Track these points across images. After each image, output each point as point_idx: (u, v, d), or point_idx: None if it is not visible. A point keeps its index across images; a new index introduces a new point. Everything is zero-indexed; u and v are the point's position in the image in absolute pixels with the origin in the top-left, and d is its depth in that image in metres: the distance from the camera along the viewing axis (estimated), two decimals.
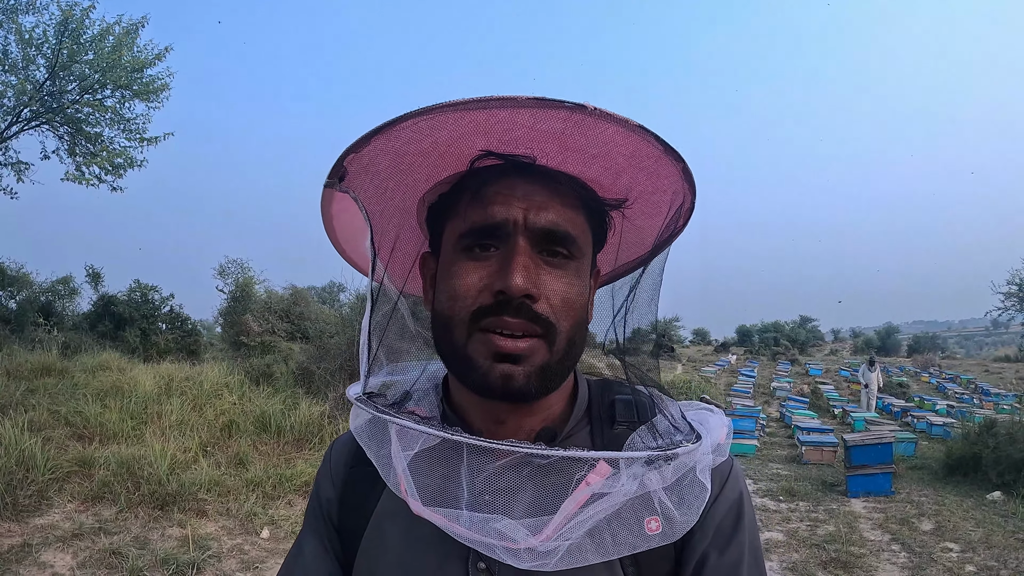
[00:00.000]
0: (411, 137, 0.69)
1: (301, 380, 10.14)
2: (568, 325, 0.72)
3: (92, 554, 5.06)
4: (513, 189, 0.72)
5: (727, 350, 38.19)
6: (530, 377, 0.70)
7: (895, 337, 46.34)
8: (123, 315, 15.40)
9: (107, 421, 7.69)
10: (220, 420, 8.27)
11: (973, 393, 21.92)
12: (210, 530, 5.73)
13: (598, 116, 0.64)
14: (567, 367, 0.74)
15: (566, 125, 0.66)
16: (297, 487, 6.60)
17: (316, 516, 0.87)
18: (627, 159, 0.71)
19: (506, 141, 0.70)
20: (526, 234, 0.70)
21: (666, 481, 0.68)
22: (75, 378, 9.67)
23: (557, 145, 0.70)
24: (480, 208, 0.72)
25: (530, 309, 0.69)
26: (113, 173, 11.14)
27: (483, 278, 0.71)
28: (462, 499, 0.67)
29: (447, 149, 0.72)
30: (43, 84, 10.58)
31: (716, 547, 0.75)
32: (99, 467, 6.38)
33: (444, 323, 0.73)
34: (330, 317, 11.95)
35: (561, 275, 0.72)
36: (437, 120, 0.66)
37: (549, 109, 0.64)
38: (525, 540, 0.65)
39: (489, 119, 0.66)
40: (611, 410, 0.81)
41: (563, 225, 0.72)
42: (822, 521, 7.03)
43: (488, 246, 0.72)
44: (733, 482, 0.78)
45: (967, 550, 6.04)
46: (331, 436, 8.14)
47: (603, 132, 0.67)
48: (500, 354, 0.69)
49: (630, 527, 0.68)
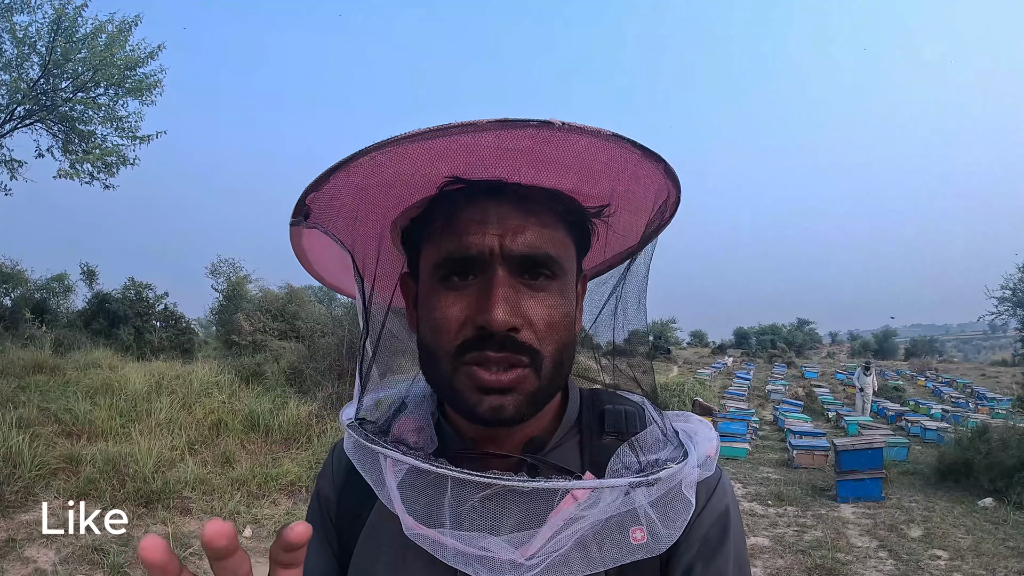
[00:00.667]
0: (371, 171, 0.67)
1: (292, 380, 10.13)
2: (553, 349, 0.70)
3: (75, 550, 5.10)
4: (486, 214, 0.69)
5: (724, 352, 38.21)
6: (520, 406, 0.69)
7: (892, 340, 46.38)
8: (117, 313, 15.37)
9: (96, 419, 7.71)
10: (209, 419, 8.27)
11: (969, 397, 21.91)
12: (193, 528, 5.76)
13: (567, 131, 0.61)
14: (556, 387, 0.73)
15: (534, 142, 0.64)
16: (282, 486, 6.62)
17: (316, 513, 0.88)
18: (604, 165, 0.69)
19: (472, 164, 0.67)
20: (504, 263, 0.68)
21: (652, 496, 0.68)
22: (67, 375, 9.68)
23: (528, 161, 0.67)
24: (453, 237, 0.69)
25: (514, 341, 0.67)
26: (106, 171, 11.15)
27: (463, 310, 0.69)
28: (446, 525, 0.67)
29: (411, 179, 0.70)
30: (37, 82, 10.59)
31: (702, 558, 0.74)
32: (86, 464, 6.41)
33: (429, 354, 0.72)
34: (323, 316, 11.93)
35: (544, 298, 0.70)
36: (396, 152, 0.64)
37: (513, 129, 0.61)
38: (510, 555, 0.64)
39: (451, 145, 0.64)
40: (601, 420, 0.80)
41: (542, 247, 0.69)
42: (810, 527, 7.00)
43: (466, 274, 0.70)
44: (720, 495, 0.77)
45: (956, 558, 6.00)
46: (319, 436, 8.17)
47: (575, 145, 0.65)
48: (487, 388, 0.68)
49: (615, 539, 0.67)
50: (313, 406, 8.74)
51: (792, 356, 36.72)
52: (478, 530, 0.66)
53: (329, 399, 8.90)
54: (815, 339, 48.17)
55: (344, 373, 9.44)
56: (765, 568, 5.73)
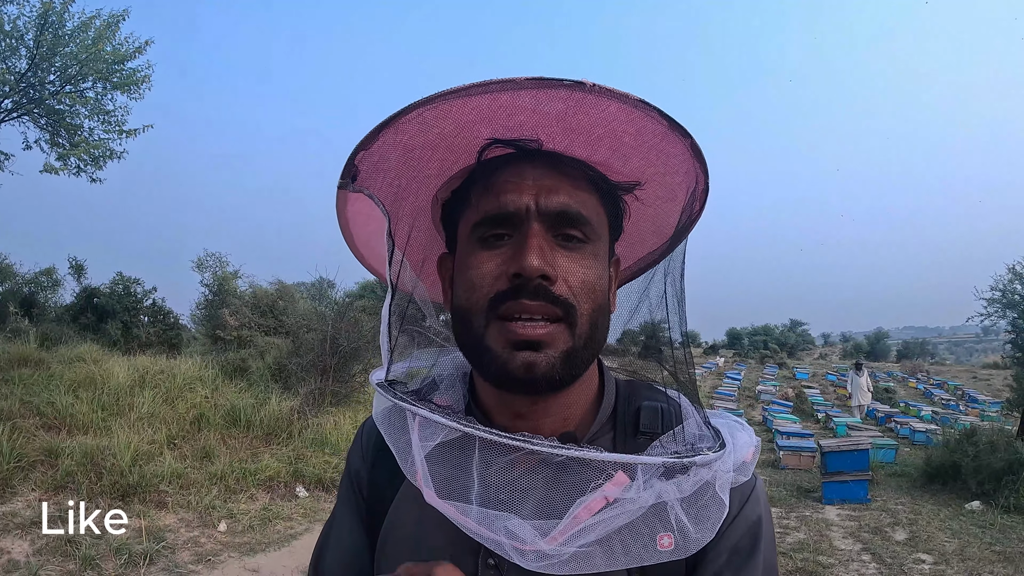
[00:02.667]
0: (417, 129, 0.70)
1: (277, 375, 10.07)
2: (589, 308, 0.70)
3: (48, 542, 5.15)
4: (523, 175, 0.71)
5: (716, 353, 38.19)
6: (554, 364, 0.68)
7: (885, 342, 46.49)
8: (106, 307, 15.28)
9: (77, 412, 7.71)
10: (190, 413, 8.26)
11: (960, 400, 21.97)
12: (168, 522, 5.77)
13: (598, 93, 0.64)
14: (591, 353, 0.73)
15: (567, 105, 0.66)
16: (260, 481, 6.59)
17: (349, 489, 0.88)
18: (633, 138, 0.71)
19: (510, 127, 0.70)
20: (539, 218, 0.70)
21: (683, 494, 0.67)
22: (51, 369, 9.65)
23: (561, 128, 0.70)
24: (491, 197, 0.72)
25: (548, 291, 0.68)
26: (92, 164, 11.10)
27: (499, 265, 0.70)
28: (474, 493, 0.66)
29: (454, 140, 0.72)
30: (24, 74, 10.54)
31: (731, 568, 0.72)
32: (64, 457, 6.42)
33: (463, 315, 0.72)
34: (310, 313, 11.86)
35: (578, 257, 0.71)
36: (441, 109, 0.67)
37: (548, 89, 0.64)
38: (533, 542, 0.64)
39: (492, 104, 0.67)
40: (636, 417, 0.79)
41: (575, 206, 0.71)
42: (793, 528, 6.96)
43: (502, 235, 0.71)
44: (754, 503, 0.75)
45: (940, 562, 5.97)
46: (300, 431, 8.16)
47: (605, 110, 0.67)
48: (520, 342, 0.68)
49: (642, 539, 0.66)
50: (295, 402, 8.70)
51: (784, 357, 36.75)
52: (504, 508, 0.66)
53: (311, 395, 8.85)
54: (808, 340, 48.31)
55: (327, 369, 9.39)
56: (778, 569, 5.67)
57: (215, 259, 15.19)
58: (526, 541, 0.64)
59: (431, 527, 0.75)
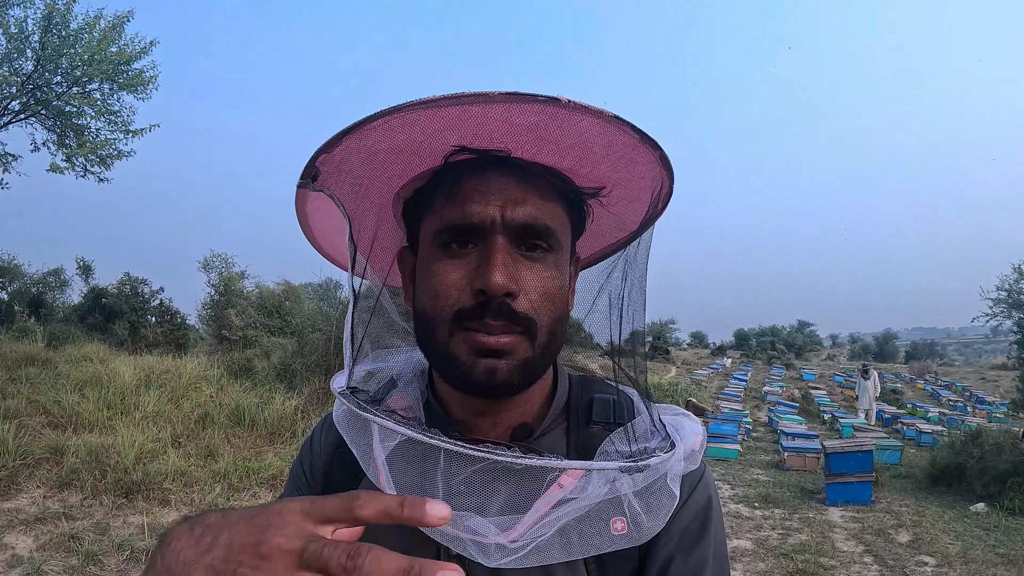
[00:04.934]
0: (382, 136, 0.70)
1: (282, 375, 10.13)
2: (549, 319, 0.72)
3: (52, 538, 5.20)
4: (488, 184, 0.71)
5: (723, 353, 38.11)
6: (513, 371, 0.70)
7: (893, 344, 46.31)
8: (113, 308, 15.41)
9: (83, 410, 7.80)
10: (195, 412, 8.32)
11: (967, 401, 21.86)
12: (171, 519, 5.80)
13: (572, 109, 0.64)
14: (548, 360, 0.74)
15: (540, 118, 0.66)
16: (263, 480, 6.64)
17: (297, 484, 0.88)
18: (603, 149, 0.71)
19: (479, 135, 0.70)
20: (504, 231, 0.70)
21: (637, 486, 0.69)
22: (58, 368, 9.75)
23: (531, 137, 0.70)
24: (456, 206, 0.71)
25: (510, 309, 0.69)
26: (100, 164, 11.19)
27: (463, 276, 0.70)
28: (437, 495, 0.67)
29: (420, 146, 0.72)
30: (30, 76, 10.62)
31: (681, 550, 0.75)
32: (69, 455, 6.48)
33: (425, 322, 0.73)
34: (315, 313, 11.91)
35: (541, 269, 0.72)
36: (409, 118, 0.67)
37: (522, 103, 0.64)
38: (495, 537, 0.65)
39: (462, 115, 0.66)
40: (589, 409, 0.81)
41: (541, 219, 0.71)
42: (795, 530, 6.93)
43: (466, 242, 0.71)
44: (703, 489, 0.78)
45: (943, 564, 5.92)
46: (303, 431, 8.19)
47: (578, 124, 0.67)
48: (483, 350, 0.69)
49: (597, 528, 0.68)
50: (299, 401, 8.75)
51: (791, 358, 36.65)
52: (466, 509, 0.67)
53: (315, 394, 8.90)
54: (815, 341, 48.17)
55: (331, 369, 9.43)
56: (745, 571, 5.66)
57: (221, 260, 15.29)
58: (487, 537, 0.65)
59: (392, 527, 0.75)
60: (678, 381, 19.66)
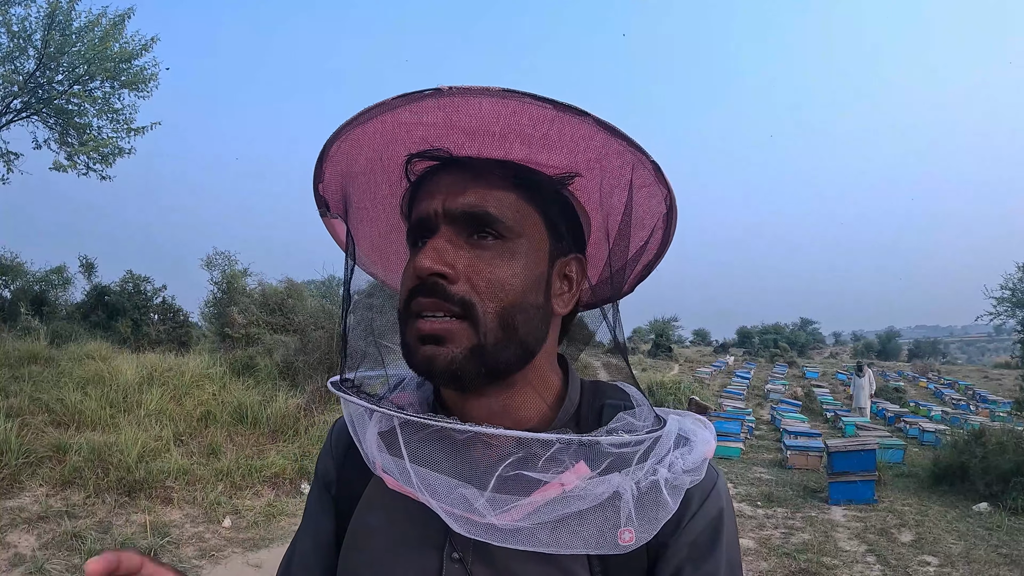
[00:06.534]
0: (344, 158, 0.77)
1: (284, 373, 10.13)
2: (496, 306, 0.70)
3: (55, 536, 5.22)
4: (439, 184, 0.74)
5: (726, 351, 38.09)
6: (454, 359, 0.69)
7: (896, 342, 46.24)
8: (116, 305, 15.44)
9: (86, 409, 7.77)
10: (198, 410, 8.32)
11: (970, 400, 21.82)
12: (173, 517, 5.83)
13: (456, 94, 0.65)
14: (510, 352, 0.72)
15: (446, 112, 0.68)
16: (266, 478, 6.64)
17: (319, 487, 0.91)
18: (531, 127, 0.69)
19: (416, 142, 0.74)
20: (445, 220, 0.72)
21: (640, 491, 0.69)
22: (61, 367, 9.74)
23: (457, 133, 0.71)
24: (414, 208, 0.76)
25: (444, 289, 0.69)
26: (102, 162, 11.21)
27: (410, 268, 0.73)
28: (406, 460, 0.70)
29: (382, 164, 0.78)
30: (32, 74, 10.64)
31: (691, 562, 0.74)
32: (72, 453, 6.48)
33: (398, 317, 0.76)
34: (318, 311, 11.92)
35: (487, 256, 0.71)
36: (349, 139, 0.74)
37: (416, 102, 0.67)
38: (487, 516, 0.66)
39: (384, 127, 0.71)
40: (599, 416, 0.79)
41: (482, 206, 0.71)
42: (798, 529, 6.92)
43: (425, 239, 0.74)
44: (715, 498, 0.77)
45: (945, 564, 5.90)
46: (306, 428, 8.22)
47: (478, 108, 0.67)
48: (424, 335, 0.70)
49: (590, 527, 0.68)
50: (302, 399, 8.75)
51: (794, 356, 36.60)
52: (464, 481, 0.68)
53: (318, 392, 8.91)
54: (818, 339, 48.13)
55: (334, 367, 9.40)
56: (747, 571, 5.63)
57: (224, 257, 15.29)
58: (480, 513, 0.66)
59: (397, 521, 0.77)
60: (681, 379, 19.66)
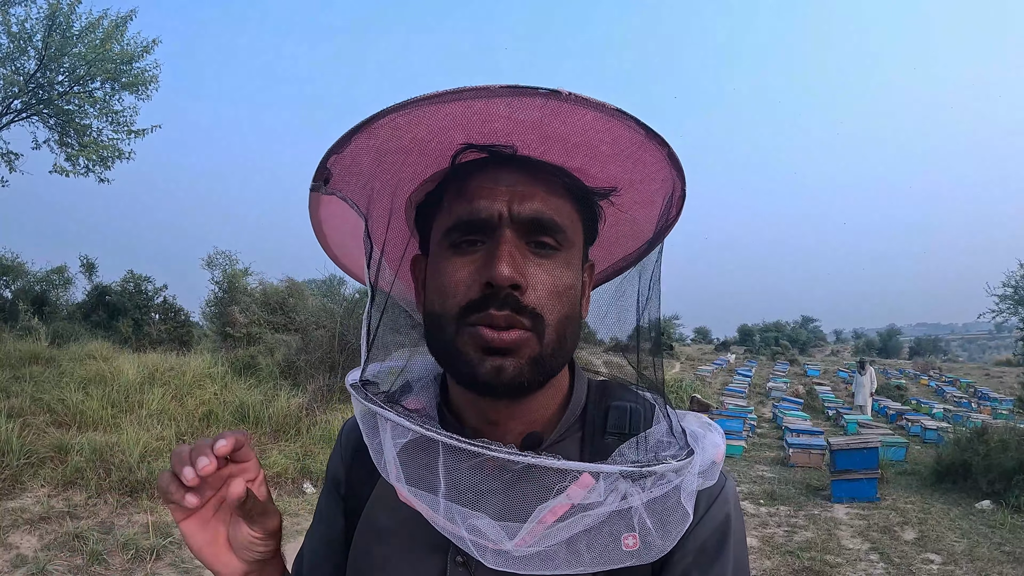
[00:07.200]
0: (390, 134, 0.69)
1: (286, 372, 10.13)
2: (556, 317, 0.70)
3: (57, 537, 5.21)
4: (497, 181, 0.71)
5: (727, 349, 38.09)
6: (521, 370, 0.69)
7: (897, 339, 46.25)
8: (117, 305, 15.47)
9: (87, 409, 7.76)
10: (200, 410, 8.33)
11: (972, 397, 21.80)
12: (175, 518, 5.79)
13: (573, 102, 0.63)
14: (559, 361, 0.73)
15: (543, 113, 0.66)
16: (268, 477, 6.61)
17: (330, 486, 0.91)
18: (609, 146, 0.70)
19: (485, 133, 0.70)
20: (512, 225, 0.70)
21: (646, 498, 0.67)
22: (62, 367, 9.73)
23: (536, 134, 0.69)
24: (465, 203, 0.71)
25: (517, 301, 0.68)
26: (101, 164, 11.20)
27: (471, 273, 0.70)
28: (441, 492, 0.67)
29: (428, 146, 0.72)
30: (33, 75, 10.64)
31: (698, 567, 0.73)
32: (74, 453, 6.46)
33: (435, 320, 0.73)
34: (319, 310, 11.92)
35: (549, 266, 0.71)
36: (414, 115, 0.67)
37: (523, 97, 0.63)
38: (499, 542, 0.64)
39: (466, 111, 0.66)
40: (605, 417, 0.79)
41: (549, 214, 0.71)
42: (801, 527, 6.92)
43: (475, 241, 0.71)
44: (722, 503, 0.76)
45: (949, 562, 5.90)
46: (308, 428, 8.22)
47: (581, 118, 0.66)
48: (490, 348, 0.68)
49: (606, 542, 0.66)
50: (303, 398, 8.75)
51: (795, 354, 36.62)
52: (472, 508, 0.66)
53: (320, 391, 8.90)
54: (819, 337, 48.14)
55: (336, 366, 9.43)
56: (751, 569, 5.62)
57: (225, 257, 15.31)
58: (493, 540, 0.64)
59: (404, 523, 0.76)
60: (682, 377, 19.65)
